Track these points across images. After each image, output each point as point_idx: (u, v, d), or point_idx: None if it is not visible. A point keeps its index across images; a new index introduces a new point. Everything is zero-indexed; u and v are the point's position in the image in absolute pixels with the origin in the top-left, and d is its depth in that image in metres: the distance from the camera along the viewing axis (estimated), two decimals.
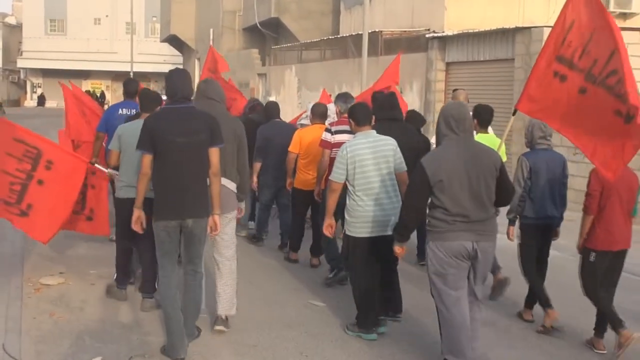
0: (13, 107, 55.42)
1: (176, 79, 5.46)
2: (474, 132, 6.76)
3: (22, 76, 65.11)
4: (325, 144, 7.44)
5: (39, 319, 6.23)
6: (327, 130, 7.52)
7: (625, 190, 5.78)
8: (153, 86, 58.25)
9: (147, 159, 5.33)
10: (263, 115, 9.68)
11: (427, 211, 5.21)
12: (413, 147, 6.84)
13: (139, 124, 6.52)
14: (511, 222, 6.46)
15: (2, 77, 63.02)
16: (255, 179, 8.91)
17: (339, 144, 7.23)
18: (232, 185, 5.99)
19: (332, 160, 7.33)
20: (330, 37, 26.18)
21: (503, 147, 6.74)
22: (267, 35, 33.90)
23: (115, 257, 6.91)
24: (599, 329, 6.00)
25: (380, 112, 6.81)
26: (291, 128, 9.34)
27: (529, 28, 14.67)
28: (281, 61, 30.58)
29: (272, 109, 9.54)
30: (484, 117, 7.30)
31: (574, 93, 5.51)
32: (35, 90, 63.58)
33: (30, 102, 62.54)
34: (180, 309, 5.49)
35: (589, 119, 5.45)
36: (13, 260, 8.10)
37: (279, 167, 8.77)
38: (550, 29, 6.04)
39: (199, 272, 5.71)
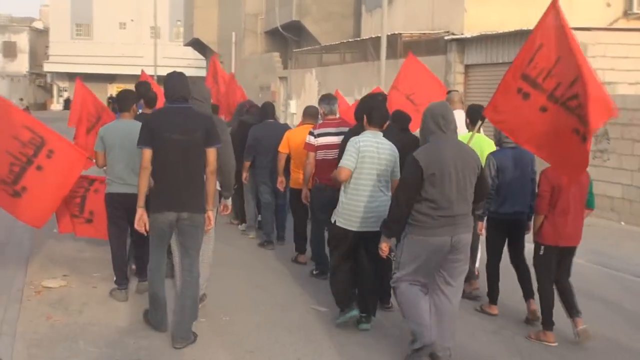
0: (40, 111, 55.99)
1: (173, 81, 5.77)
2: (466, 130, 7.30)
3: (48, 80, 65.82)
4: (309, 147, 7.45)
5: (35, 322, 6.16)
6: (310, 133, 7.51)
7: (576, 188, 5.90)
8: None
9: (147, 153, 5.55)
10: (258, 116, 9.68)
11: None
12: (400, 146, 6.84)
13: (118, 124, 6.91)
14: (479, 218, 6.65)
15: (29, 81, 63.86)
16: (245, 174, 9.27)
17: (322, 146, 7.22)
18: None
19: (318, 162, 7.27)
20: (350, 39, 26.09)
21: (491, 142, 7.17)
22: (288, 38, 33.88)
23: (112, 259, 6.94)
24: (571, 313, 6.03)
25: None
26: (284, 128, 9.32)
27: None
28: (302, 64, 30.52)
29: (267, 110, 9.62)
30: (475, 116, 7.31)
31: (535, 111, 5.66)
32: (61, 94, 64.17)
33: (57, 105, 63.17)
34: (177, 300, 5.84)
35: (549, 134, 5.62)
36: (18, 263, 8.05)
37: (274, 167, 8.84)
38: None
39: (195, 268, 5.79)
